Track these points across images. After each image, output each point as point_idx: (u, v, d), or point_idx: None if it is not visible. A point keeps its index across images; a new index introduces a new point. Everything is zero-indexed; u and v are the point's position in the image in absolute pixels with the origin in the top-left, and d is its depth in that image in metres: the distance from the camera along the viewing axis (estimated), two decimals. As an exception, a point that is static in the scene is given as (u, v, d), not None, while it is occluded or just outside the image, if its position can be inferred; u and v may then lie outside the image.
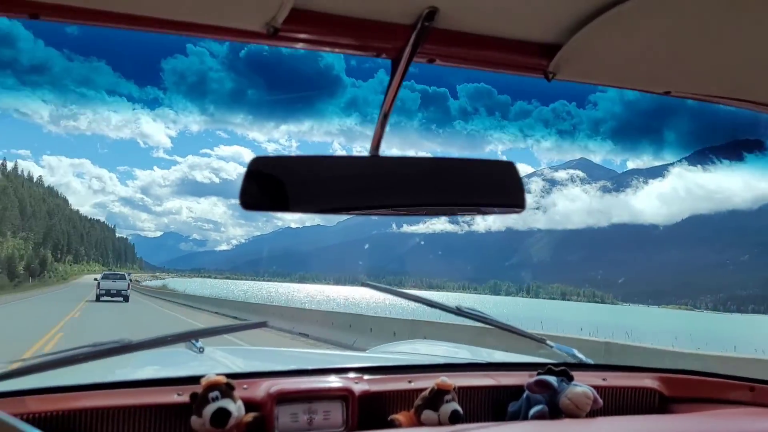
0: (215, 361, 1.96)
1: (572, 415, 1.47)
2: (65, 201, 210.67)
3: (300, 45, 0.98)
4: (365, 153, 1.05)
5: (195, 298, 37.52)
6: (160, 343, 1.57)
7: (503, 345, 3.02)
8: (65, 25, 0.88)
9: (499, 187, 1.12)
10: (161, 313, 27.10)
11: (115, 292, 36.54)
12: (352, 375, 1.53)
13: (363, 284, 2.13)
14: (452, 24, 0.96)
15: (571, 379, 1.54)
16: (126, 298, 36.28)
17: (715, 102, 1.18)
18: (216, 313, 26.36)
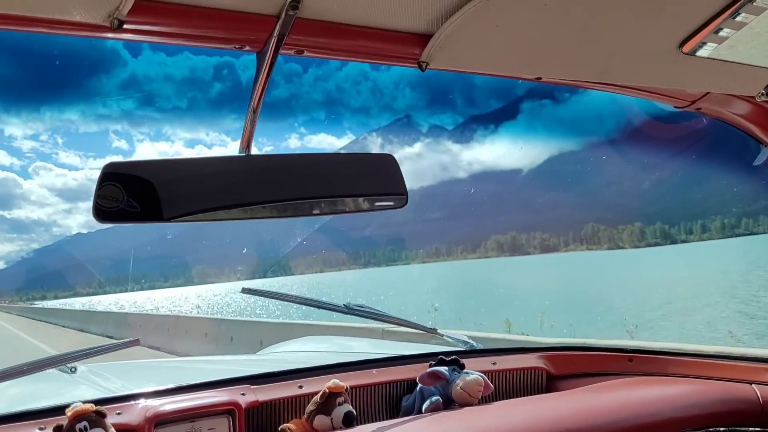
0: (89, 382, 1.81)
1: (465, 403, 1.48)
2: None
3: (151, 38, 0.90)
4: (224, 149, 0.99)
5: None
6: (16, 374, 1.42)
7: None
8: None
9: (380, 179, 1.12)
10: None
11: None
12: (237, 386, 1.44)
13: (243, 290, 2.01)
14: (318, 14, 0.94)
15: (462, 367, 1.54)
16: None
17: (584, 87, 1.23)
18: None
